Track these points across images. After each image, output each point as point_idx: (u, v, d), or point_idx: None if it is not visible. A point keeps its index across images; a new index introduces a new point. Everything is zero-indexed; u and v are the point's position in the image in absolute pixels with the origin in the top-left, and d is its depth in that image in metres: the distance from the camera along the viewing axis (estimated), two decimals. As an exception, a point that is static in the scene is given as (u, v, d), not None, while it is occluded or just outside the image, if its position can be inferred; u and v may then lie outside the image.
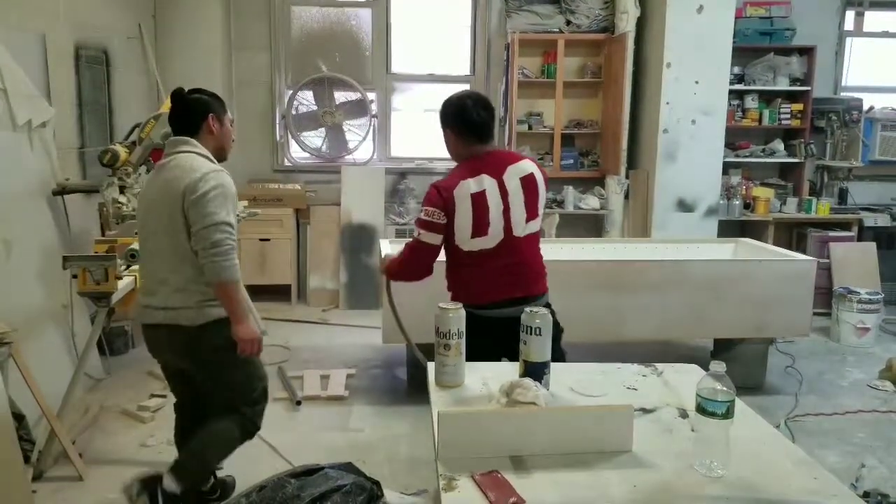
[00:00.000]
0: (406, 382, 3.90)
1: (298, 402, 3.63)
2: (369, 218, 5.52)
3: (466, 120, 2.36)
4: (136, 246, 2.96)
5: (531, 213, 2.38)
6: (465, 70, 5.92)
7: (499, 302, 2.35)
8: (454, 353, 1.80)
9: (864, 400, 3.77)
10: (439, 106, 2.45)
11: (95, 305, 2.90)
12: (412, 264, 2.44)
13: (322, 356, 2.93)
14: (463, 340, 1.82)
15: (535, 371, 1.74)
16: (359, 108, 5.73)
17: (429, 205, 2.32)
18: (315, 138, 5.78)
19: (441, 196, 2.31)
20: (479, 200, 2.30)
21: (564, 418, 1.54)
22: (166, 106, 3.61)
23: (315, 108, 5.70)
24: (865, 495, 2.70)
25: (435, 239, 2.34)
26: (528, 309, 1.77)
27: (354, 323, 4.94)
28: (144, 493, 2.21)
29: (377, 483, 2.30)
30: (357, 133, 5.77)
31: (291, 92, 5.71)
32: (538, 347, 1.75)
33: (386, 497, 2.48)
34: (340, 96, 5.74)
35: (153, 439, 3.20)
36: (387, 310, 3.06)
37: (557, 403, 1.70)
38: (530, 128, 5.63)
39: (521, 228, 2.37)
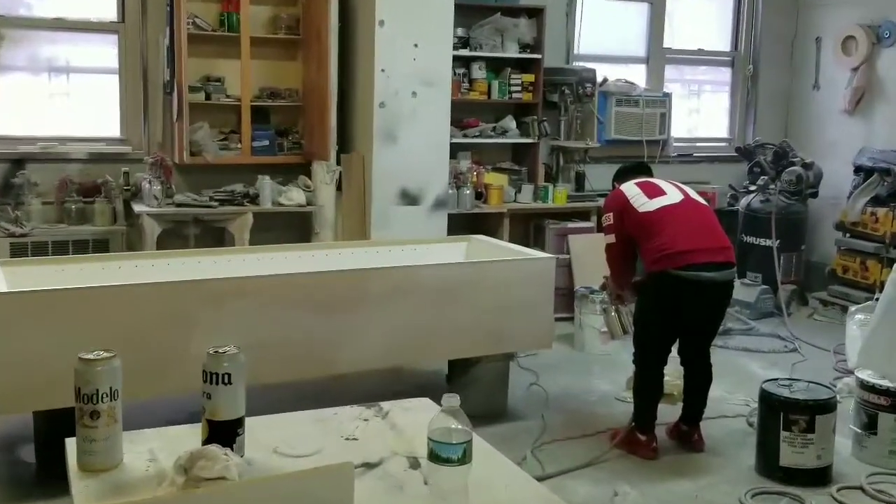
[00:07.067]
0: (35, 466, 3.56)
1: None
2: (-31, 227, 4.90)
3: None
4: None
5: None
6: (110, 15, 5.58)
7: None
8: (106, 423, 1.68)
9: (614, 415, 4.34)
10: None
11: None
12: None
13: None
14: (118, 403, 1.71)
15: (224, 432, 1.70)
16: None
17: None
18: None
19: None
20: None
21: (264, 493, 1.53)
22: None
23: None
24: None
25: None
26: (211, 349, 1.72)
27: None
28: None
29: None
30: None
31: None
32: (227, 400, 1.71)
33: None
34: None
35: None
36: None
37: (256, 473, 1.68)
38: (208, 97, 5.50)
39: None
